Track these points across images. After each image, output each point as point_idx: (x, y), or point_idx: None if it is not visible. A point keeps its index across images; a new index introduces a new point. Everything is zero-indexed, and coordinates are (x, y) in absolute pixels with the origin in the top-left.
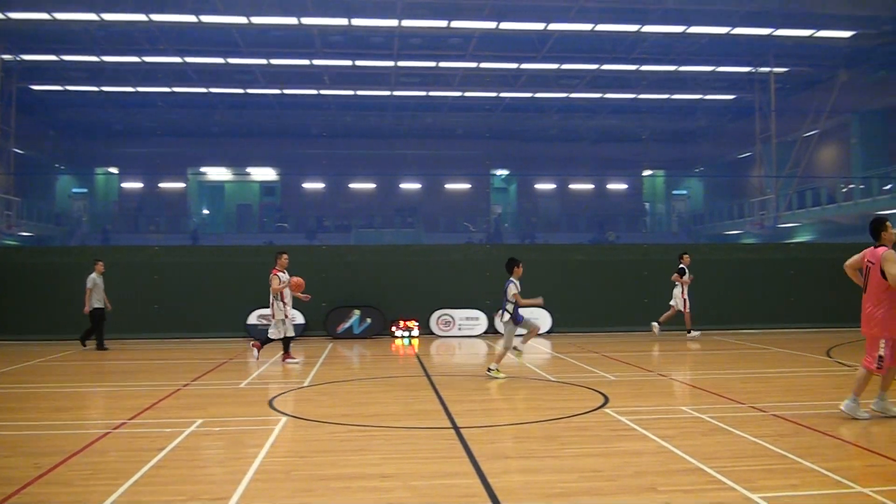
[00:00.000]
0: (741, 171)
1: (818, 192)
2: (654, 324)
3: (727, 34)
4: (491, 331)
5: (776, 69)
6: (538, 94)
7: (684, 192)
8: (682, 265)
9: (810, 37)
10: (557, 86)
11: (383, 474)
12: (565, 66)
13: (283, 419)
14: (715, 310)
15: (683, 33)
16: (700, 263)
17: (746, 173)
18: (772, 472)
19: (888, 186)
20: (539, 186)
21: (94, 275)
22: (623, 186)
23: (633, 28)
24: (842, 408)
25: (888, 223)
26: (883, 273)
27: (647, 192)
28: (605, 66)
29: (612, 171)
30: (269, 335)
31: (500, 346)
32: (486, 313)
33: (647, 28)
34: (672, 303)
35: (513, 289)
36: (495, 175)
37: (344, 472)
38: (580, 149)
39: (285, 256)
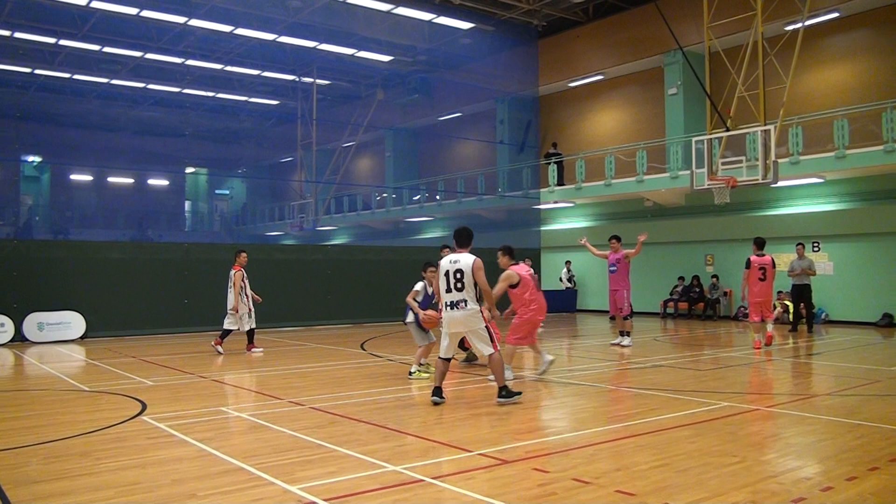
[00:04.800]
0: (283, 175)
1: (355, 198)
2: None
3: (273, 41)
4: (17, 338)
5: (319, 81)
6: (77, 76)
7: (227, 192)
8: None
9: (352, 55)
10: (98, 69)
11: None
12: (108, 49)
13: None
14: (255, 309)
15: (231, 33)
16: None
17: (288, 177)
18: (310, 462)
19: (417, 197)
20: (75, 177)
21: None
22: (164, 182)
23: (179, 20)
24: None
25: None
26: None
27: (190, 189)
28: (150, 56)
29: (154, 166)
30: (225, 327)
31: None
32: (12, 318)
33: (194, 22)
34: None
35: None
36: (26, 161)
37: None
38: (120, 140)
39: (244, 255)
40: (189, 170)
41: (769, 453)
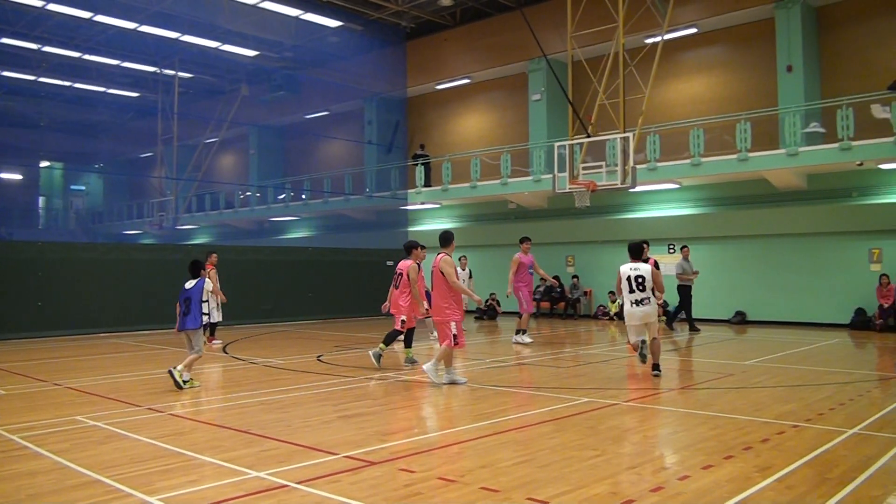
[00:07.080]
0: (142, 171)
1: (217, 196)
2: None
3: (135, 30)
4: None
5: (181, 74)
6: None
7: (83, 188)
8: None
9: (216, 49)
10: None
11: None
12: None
13: None
14: (112, 311)
15: (90, 20)
16: (96, 263)
17: (147, 173)
18: (170, 471)
19: (282, 196)
20: None
21: None
22: (17, 177)
23: (37, 3)
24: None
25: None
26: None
27: (44, 184)
28: (3, 40)
29: (6, 159)
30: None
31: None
32: None
33: (52, 7)
34: None
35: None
36: None
37: None
38: None
39: (215, 255)
40: (43, 163)
41: (628, 446)
